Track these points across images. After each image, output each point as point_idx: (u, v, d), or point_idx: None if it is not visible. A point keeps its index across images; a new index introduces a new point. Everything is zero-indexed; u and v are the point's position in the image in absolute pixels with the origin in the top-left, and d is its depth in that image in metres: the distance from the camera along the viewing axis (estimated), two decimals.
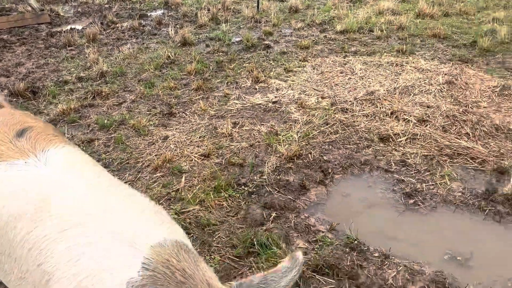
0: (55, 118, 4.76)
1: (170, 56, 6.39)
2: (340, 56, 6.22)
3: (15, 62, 6.46)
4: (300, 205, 3.32)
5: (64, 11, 9.43)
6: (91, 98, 5.22)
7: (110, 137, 4.36)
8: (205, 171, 3.74)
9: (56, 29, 8.22)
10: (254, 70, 5.70)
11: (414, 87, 5.06)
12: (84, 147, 4.16)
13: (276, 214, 3.19)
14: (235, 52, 6.57)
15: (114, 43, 7.27)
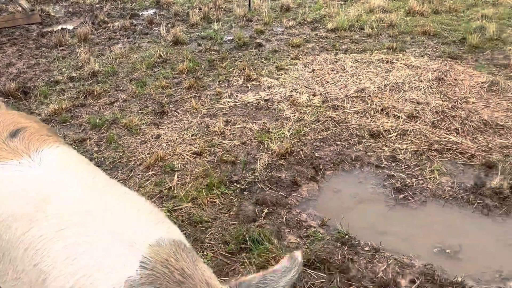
0: (47, 118, 4.75)
1: (162, 55, 6.40)
2: (331, 54, 6.26)
3: (6, 63, 6.43)
4: (291, 201, 3.35)
5: (55, 11, 9.39)
6: (83, 97, 5.22)
7: (102, 136, 4.37)
8: (197, 169, 3.76)
9: (47, 29, 8.18)
10: (246, 69, 5.72)
11: (404, 84, 5.11)
12: (76, 147, 4.16)
13: (268, 210, 3.22)
14: (227, 50, 6.59)
15: (105, 43, 7.26)
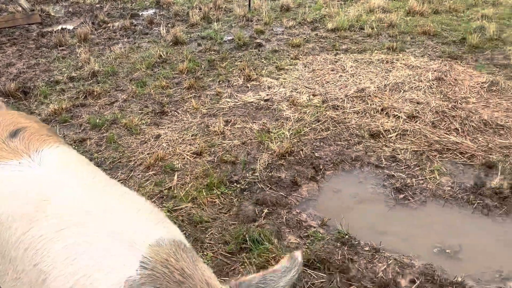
0: (47, 118, 4.75)
1: (162, 55, 6.40)
2: (331, 54, 6.26)
3: (6, 63, 6.43)
4: (291, 201, 3.35)
5: (55, 11, 9.39)
6: (83, 97, 5.22)
7: (102, 136, 4.37)
8: (197, 169, 3.76)
9: (47, 29, 8.18)
10: (246, 69, 5.72)
11: (404, 84, 5.11)
12: (76, 147, 4.16)
13: (268, 210, 3.22)
14: (227, 50, 6.59)
15: (105, 43, 7.26)
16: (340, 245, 2.88)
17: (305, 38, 6.94)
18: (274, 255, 2.71)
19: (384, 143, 4.03)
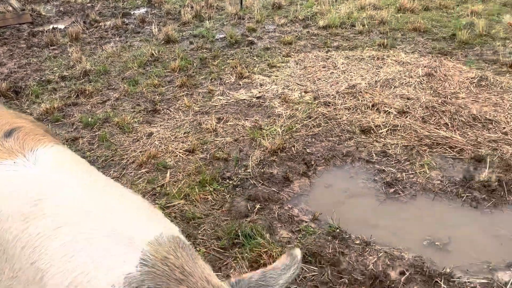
0: (39, 117, 4.74)
1: (154, 53, 6.40)
2: (322, 51, 6.30)
3: None
4: (283, 196, 3.38)
5: (46, 11, 9.34)
6: (75, 96, 5.21)
7: (94, 135, 4.37)
8: (190, 166, 3.78)
9: (38, 28, 8.14)
10: (238, 66, 5.74)
11: (394, 80, 5.15)
12: (68, 146, 4.16)
13: (260, 206, 3.25)
14: (219, 48, 6.60)
15: (97, 42, 7.24)
16: (331, 239, 2.91)
17: (296, 36, 6.97)
18: (266, 250, 2.74)
19: (374, 139, 4.07)
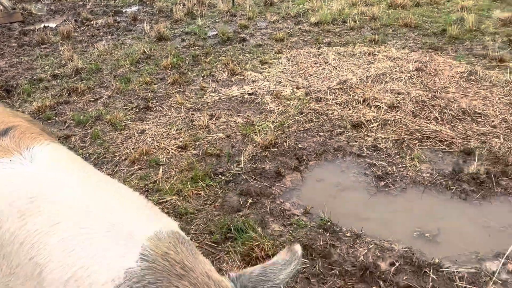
0: (30, 116, 4.73)
1: (146, 51, 6.40)
2: (314, 47, 6.33)
3: None
4: (275, 191, 3.41)
5: (37, 9, 9.29)
6: (67, 95, 5.21)
7: (86, 132, 4.37)
8: (182, 163, 3.79)
9: (29, 27, 8.11)
10: (230, 63, 5.76)
11: (385, 75, 5.19)
12: (60, 144, 4.16)
13: (252, 200, 3.28)
14: (211, 45, 6.61)
15: (89, 40, 7.23)
16: (322, 231, 2.94)
17: (288, 32, 7.00)
18: (258, 243, 2.77)
19: (365, 133, 4.10)
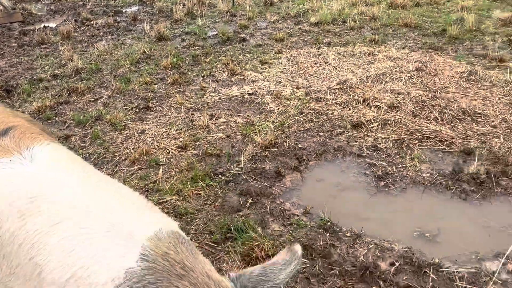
0: (30, 116, 4.73)
1: (146, 51, 6.40)
2: (314, 47, 6.33)
3: None
4: (275, 191, 3.41)
5: (37, 9, 9.30)
6: (67, 95, 5.21)
7: (86, 132, 4.37)
8: (182, 163, 3.79)
9: (29, 27, 8.11)
10: (230, 63, 5.76)
11: (385, 75, 5.19)
12: (60, 144, 4.16)
13: (252, 200, 3.28)
14: (211, 45, 6.61)
15: (89, 40, 7.23)
16: (322, 231, 2.94)
17: (288, 32, 7.00)
18: (258, 243, 2.77)
19: (365, 133, 4.10)
